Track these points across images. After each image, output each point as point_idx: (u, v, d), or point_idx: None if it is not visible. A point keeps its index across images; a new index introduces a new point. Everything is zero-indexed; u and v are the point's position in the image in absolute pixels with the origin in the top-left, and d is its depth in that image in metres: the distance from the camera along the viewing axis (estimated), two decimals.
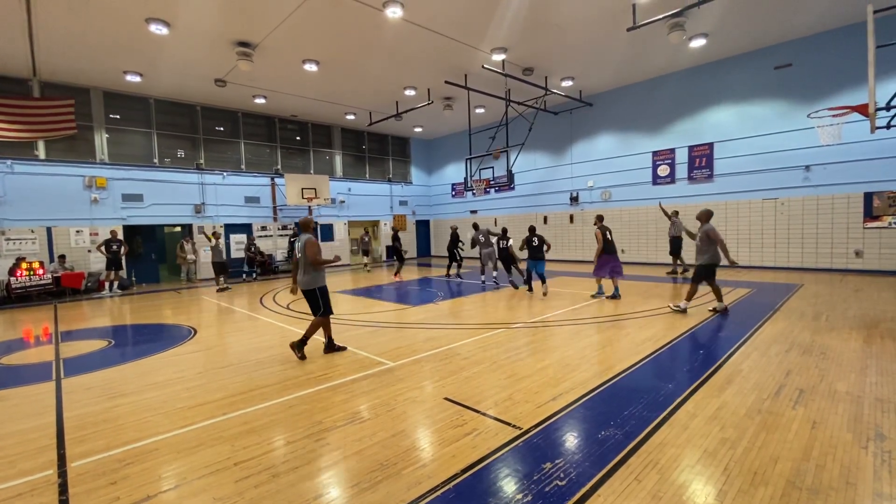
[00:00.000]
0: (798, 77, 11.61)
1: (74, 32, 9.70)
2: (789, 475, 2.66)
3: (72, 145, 12.93)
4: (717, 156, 13.17)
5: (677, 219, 11.82)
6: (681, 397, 3.86)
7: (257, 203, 16.91)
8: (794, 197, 11.87)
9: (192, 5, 8.76)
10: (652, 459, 2.88)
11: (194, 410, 4.02)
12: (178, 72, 12.28)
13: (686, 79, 13.62)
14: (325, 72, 12.60)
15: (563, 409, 3.73)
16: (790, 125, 11.80)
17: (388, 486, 2.70)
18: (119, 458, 3.19)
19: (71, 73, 12.14)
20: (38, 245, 12.39)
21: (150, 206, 14.32)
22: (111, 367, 5.57)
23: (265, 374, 5.00)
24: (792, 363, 4.64)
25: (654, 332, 6.15)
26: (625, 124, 15.22)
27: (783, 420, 3.37)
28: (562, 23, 10.11)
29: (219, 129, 15.98)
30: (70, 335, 7.53)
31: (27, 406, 4.33)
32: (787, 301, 7.89)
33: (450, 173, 22.04)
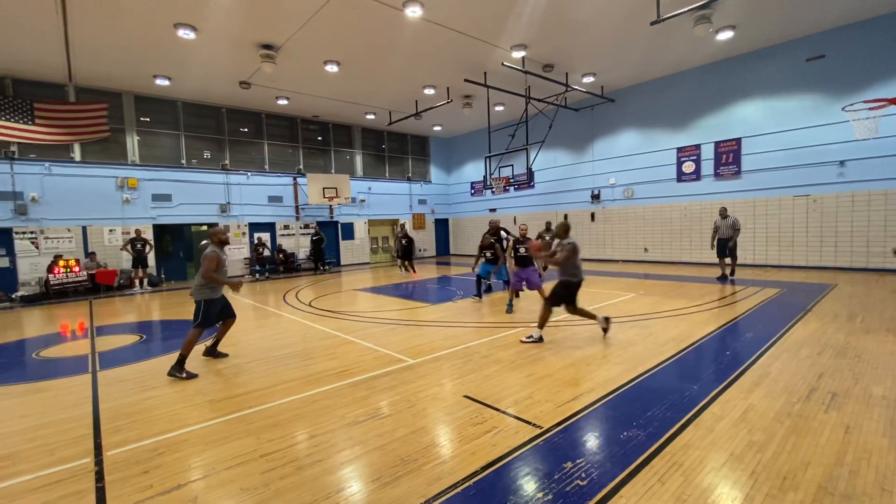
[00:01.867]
0: (832, 69, 11.16)
1: (108, 39, 10.07)
2: (821, 480, 2.58)
3: (105, 147, 13.44)
4: (744, 151, 12.78)
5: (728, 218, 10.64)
6: (706, 399, 3.78)
7: (280, 202, 17.24)
8: (828, 194, 11.42)
9: (218, 10, 8.98)
10: (676, 461, 2.84)
11: (221, 404, 4.14)
12: (204, 75, 12.62)
13: (712, 72, 13.25)
14: (346, 72, 12.74)
15: (585, 408, 3.69)
16: (823, 119, 11.36)
17: (409, 481, 2.73)
18: (151, 448, 3.31)
19: (104, 78, 12.61)
20: (74, 243, 12.92)
21: (178, 205, 14.76)
22: (142, 361, 5.78)
23: (288, 369, 5.11)
24: (824, 365, 4.49)
25: (679, 332, 6.02)
26: (648, 120, 14.92)
27: (815, 424, 3.27)
28: (583, 18, 9.97)
29: (243, 130, 16.36)
30: (104, 330, 7.84)
31: (66, 397, 4.54)
32: (820, 302, 7.62)
33: (468, 172, 22.02)
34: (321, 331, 7.06)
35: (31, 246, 12.26)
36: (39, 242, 12.39)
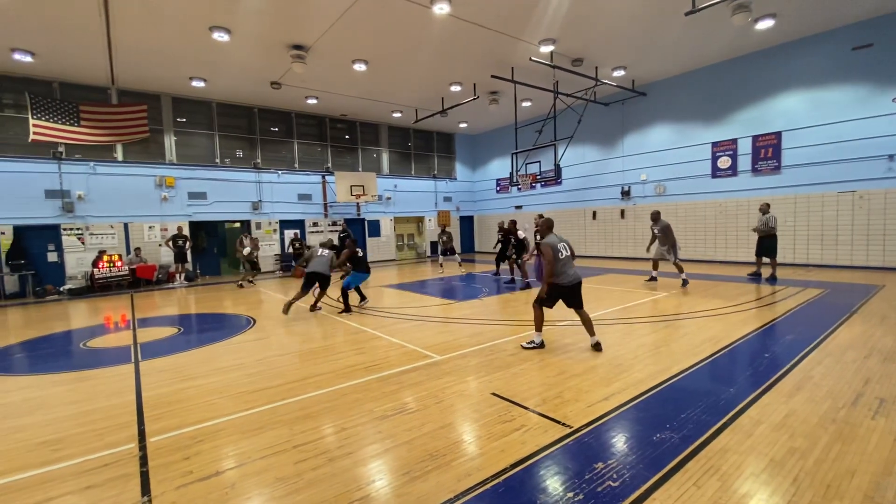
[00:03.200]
0: (880, 58, 10.52)
1: (148, 43, 10.49)
2: (867, 489, 2.46)
3: (145, 147, 14.02)
4: (785, 146, 12.22)
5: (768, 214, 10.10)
6: (744, 402, 3.65)
7: (309, 200, 17.60)
8: (876, 189, 10.80)
9: (251, 12, 9.21)
10: (712, 465, 2.76)
11: (255, 395, 4.27)
12: (237, 76, 12.98)
13: (750, 64, 12.71)
14: (374, 71, 12.87)
15: (616, 409, 3.63)
16: (871, 111, 10.73)
17: (438, 475, 2.75)
18: (191, 436, 3.45)
19: (143, 81, 13.15)
20: (116, 239, 13.56)
21: (213, 203, 15.27)
22: (181, 353, 6.02)
23: (319, 362, 5.23)
24: (872, 370, 4.26)
25: (715, 333, 5.83)
26: (681, 114, 14.45)
27: (861, 431, 3.11)
28: (613, 10, 9.73)
29: (274, 129, 16.76)
30: (145, 322, 8.20)
31: (111, 385, 4.78)
32: (867, 303, 7.23)
33: (494, 168, 21.89)
34: (349, 326, 7.18)
35: (77, 242, 12.93)
36: (85, 238, 13.05)
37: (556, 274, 5.26)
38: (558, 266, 5.26)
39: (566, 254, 5.36)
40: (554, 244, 5.32)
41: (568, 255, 5.38)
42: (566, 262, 5.34)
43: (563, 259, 5.32)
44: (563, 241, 5.44)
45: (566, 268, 5.33)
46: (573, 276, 5.34)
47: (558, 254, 5.29)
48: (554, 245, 5.31)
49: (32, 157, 12.32)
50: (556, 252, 5.29)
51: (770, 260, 10.03)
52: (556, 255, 5.28)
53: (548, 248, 5.28)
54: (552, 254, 5.26)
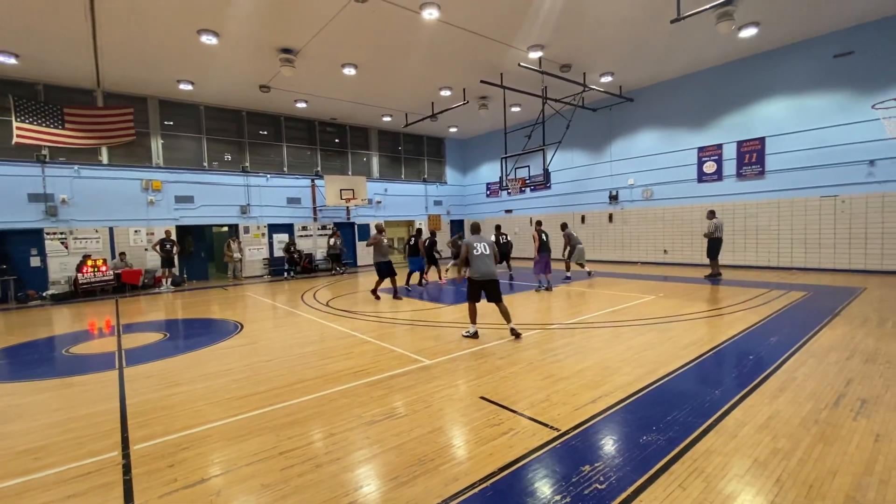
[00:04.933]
0: (861, 65, 10.80)
1: (134, 46, 10.38)
2: (849, 489, 2.50)
3: (131, 151, 13.84)
4: (769, 151, 12.46)
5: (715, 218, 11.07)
6: (728, 404, 3.70)
7: (298, 204, 17.49)
8: (857, 194, 11.05)
9: (239, 15, 9.17)
10: (697, 467, 2.78)
11: (242, 401, 4.23)
12: (225, 79, 12.90)
13: (734, 70, 12.96)
14: (363, 75, 12.87)
15: (603, 411, 3.66)
16: (852, 117, 11.00)
17: (426, 480, 2.74)
18: (176, 443, 3.40)
19: (130, 84, 13.00)
20: (101, 244, 13.34)
21: (200, 207, 15.11)
22: (167, 359, 5.93)
23: (307, 368, 5.19)
24: (853, 371, 4.35)
25: (700, 335, 5.91)
26: (668, 120, 14.67)
27: (843, 431, 3.17)
28: (601, 17, 9.87)
29: (263, 133, 16.66)
30: (130, 328, 8.07)
31: (94, 392, 4.69)
32: (848, 306, 7.38)
33: (484, 173, 21.98)
34: (338, 330, 7.14)
35: (60, 246, 12.70)
36: (69, 243, 12.82)
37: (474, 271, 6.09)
38: (472, 261, 6.09)
39: (482, 251, 6.10)
40: (471, 243, 6.17)
41: (483, 254, 6.11)
42: (480, 259, 6.07)
43: (478, 256, 6.08)
44: (483, 241, 6.17)
45: (480, 264, 6.06)
46: (486, 272, 6.07)
47: (474, 251, 6.09)
48: (470, 243, 6.16)
49: (15, 161, 12.10)
50: (471, 249, 6.11)
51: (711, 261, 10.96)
52: (472, 252, 6.09)
53: (465, 246, 6.18)
54: (467, 251, 6.13)
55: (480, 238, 6.22)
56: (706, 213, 11.37)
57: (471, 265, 6.13)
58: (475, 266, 6.09)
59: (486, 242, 6.18)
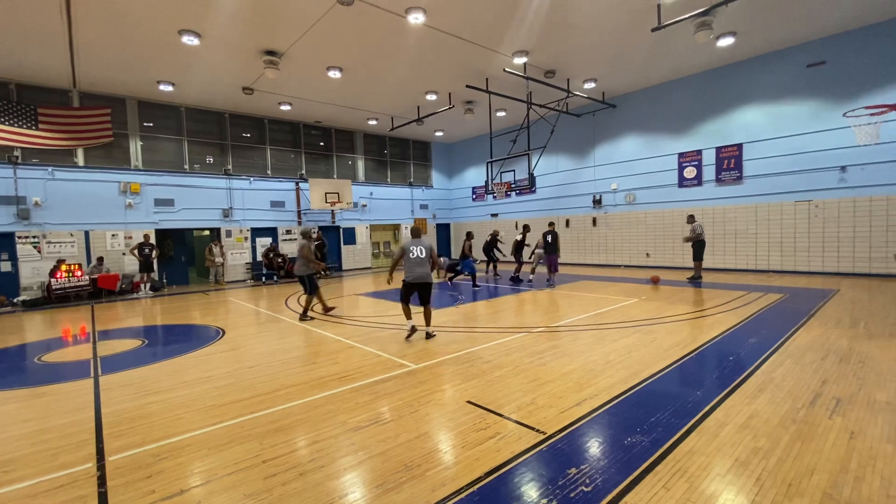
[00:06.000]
0: (832, 75, 11.19)
1: (112, 45, 10.15)
2: (826, 487, 2.56)
3: (108, 152, 13.51)
4: (746, 157, 12.80)
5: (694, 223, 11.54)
6: (710, 405, 3.77)
7: (282, 207, 17.28)
8: (830, 199, 11.42)
9: (222, 16, 9.05)
10: (680, 467, 2.82)
11: (224, 408, 4.13)
12: (207, 81, 12.70)
13: (713, 78, 13.30)
14: (349, 78, 12.82)
15: (588, 414, 3.68)
16: (824, 125, 11.38)
17: (412, 487, 2.72)
18: (154, 453, 3.31)
19: (108, 84, 12.70)
20: (76, 248, 12.96)
21: (181, 210, 14.81)
22: (145, 366, 5.77)
23: (291, 374, 5.11)
24: (828, 371, 4.47)
25: (682, 337, 6.01)
26: (649, 126, 14.96)
27: (819, 430, 3.25)
28: (584, 24, 10.03)
29: (246, 135, 16.43)
30: (106, 335, 7.84)
31: (67, 402, 4.53)
32: (823, 307, 7.60)
33: (470, 177, 22.06)
34: (323, 335, 7.05)
35: (33, 250, 12.29)
36: (42, 247, 12.42)
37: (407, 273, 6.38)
38: (406, 264, 6.36)
39: (417, 255, 6.34)
40: (407, 247, 6.40)
41: (419, 257, 6.35)
42: (415, 263, 6.33)
43: (413, 259, 6.34)
44: (420, 245, 6.38)
45: (414, 267, 6.33)
46: (418, 275, 6.33)
47: (409, 254, 6.34)
48: (406, 248, 6.39)
49: None
50: (407, 253, 6.36)
51: (696, 263, 11.23)
52: (407, 255, 6.35)
53: (400, 249, 6.46)
54: (401, 254, 6.41)
55: (418, 242, 6.45)
56: (686, 217, 11.62)
57: (406, 268, 6.42)
58: (409, 269, 6.38)
59: (423, 246, 6.42)
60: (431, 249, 6.52)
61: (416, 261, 6.37)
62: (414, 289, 6.45)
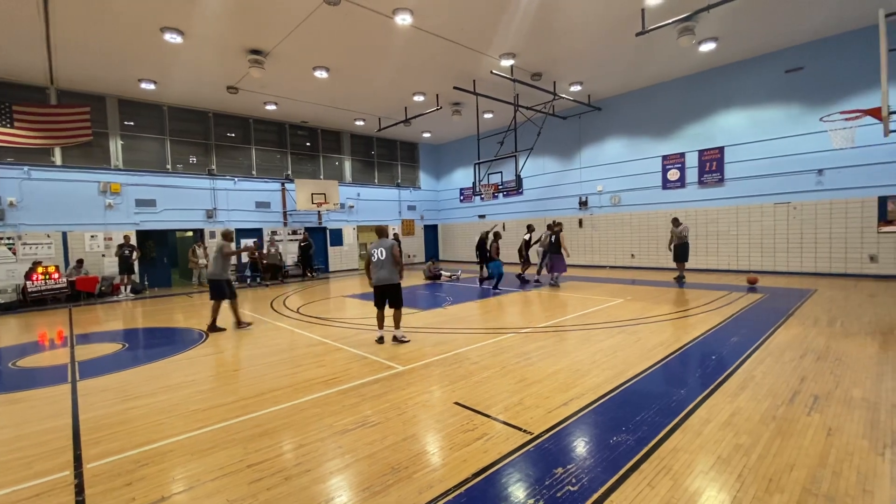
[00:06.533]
0: (810, 80, 11.50)
1: (91, 42, 9.93)
2: (805, 482, 2.62)
3: (87, 152, 13.19)
4: (727, 160, 13.06)
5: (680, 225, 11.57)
6: (693, 403, 3.83)
7: (268, 208, 17.08)
8: (807, 201, 11.72)
9: (206, 14, 8.92)
10: (665, 465, 2.86)
11: (207, 413, 4.06)
12: (191, 79, 12.50)
13: (696, 82, 13.55)
14: (335, 78, 12.74)
15: (574, 414, 3.71)
16: (802, 129, 11.68)
17: (399, 489, 2.70)
18: (134, 460, 3.23)
19: (87, 82, 12.41)
20: (53, 249, 12.61)
21: (163, 211, 14.53)
22: (125, 370, 5.64)
23: (276, 377, 5.04)
24: (806, 369, 4.58)
25: (666, 337, 6.10)
26: (634, 128, 15.17)
27: (798, 426, 3.33)
28: (570, 28, 10.13)
29: (230, 135, 16.20)
30: (85, 338, 7.65)
31: (44, 408, 4.41)
32: (801, 306, 7.79)
33: (458, 178, 22.10)
34: (309, 338, 6.99)
35: (7, 252, 11.93)
36: (17, 248, 12.06)
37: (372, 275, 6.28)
38: (372, 268, 6.28)
39: (378, 258, 6.21)
40: (370, 249, 6.32)
41: (380, 259, 6.20)
42: (377, 266, 6.23)
43: (375, 262, 6.24)
44: (381, 247, 6.23)
45: (376, 270, 6.23)
46: (380, 278, 6.21)
47: (372, 257, 6.27)
48: (370, 250, 6.33)
49: None
50: (370, 256, 6.30)
51: (680, 264, 11.37)
52: (371, 258, 6.28)
53: (368, 252, 6.37)
54: (368, 257, 6.34)
55: (380, 244, 6.28)
56: (671, 219, 11.73)
57: (371, 272, 6.33)
58: (373, 272, 6.28)
59: (385, 248, 6.22)
60: (393, 250, 6.24)
61: (377, 263, 6.23)
62: (379, 292, 6.29)
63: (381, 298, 6.33)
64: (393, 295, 6.30)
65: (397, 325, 6.37)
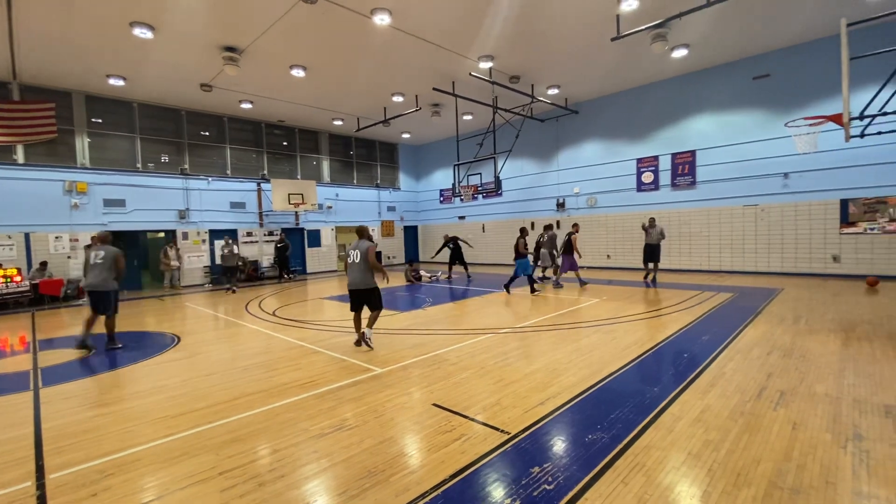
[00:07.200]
0: (776, 87, 11.95)
1: (56, 35, 9.54)
2: (771, 475, 2.71)
3: (52, 149, 12.67)
4: (699, 163, 13.45)
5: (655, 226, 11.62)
6: (666, 400, 3.92)
7: (243, 209, 16.72)
8: (774, 203, 12.17)
9: (178, 10, 8.69)
10: (638, 462, 2.92)
11: (178, 419, 3.95)
12: (162, 76, 12.15)
13: (669, 88, 13.91)
14: (313, 77, 12.58)
15: (551, 413, 3.75)
16: (769, 133, 12.12)
17: (376, 493, 2.68)
18: (100, 469, 3.11)
19: (52, 77, 11.92)
20: (15, 251, 12.06)
21: (133, 211, 14.07)
22: (92, 377, 5.44)
23: (251, 381, 4.94)
24: (773, 366, 4.74)
25: (640, 336, 6.23)
26: (610, 132, 15.47)
27: (765, 421, 3.44)
28: (548, 32, 10.27)
29: (204, 133, 15.81)
30: (49, 344, 7.34)
31: (3, 417, 4.20)
32: (769, 305, 8.07)
33: (438, 179, 22.11)
34: (285, 341, 6.87)
35: None
36: None
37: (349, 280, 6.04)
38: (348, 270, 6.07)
39: (353, 260, 5.99)
40: (347, 251, 6.10)
41: (354, 262, 5.98)
42: (351, 268, 6.02)
43: (350, 264, 6.03)
44: (356, 249, 6.02)
45: (350, 273, 6.03)
46: (352, 281, 6.00)
47: (348, 258, 6.06)
48: (347, 252, 6.09)
49: None
50: (347, 258, 6.09)
51: (654, 265, 11.52)
52: (347, 261, 6.07)
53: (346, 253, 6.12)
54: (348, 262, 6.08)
55: (357, 245, 6.03)
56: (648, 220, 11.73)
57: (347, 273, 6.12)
58: (348, 275, 6.07)
59: (360, 250, 5.95)
60: (368, 252, 5.93)
61: (351, 265, 5.99)
62: (353, 296, 6.05)
63: (355, 302, 6.09)
64: (368, 299, 6.04)
65: (370, 324, 6.07)
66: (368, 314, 6.14)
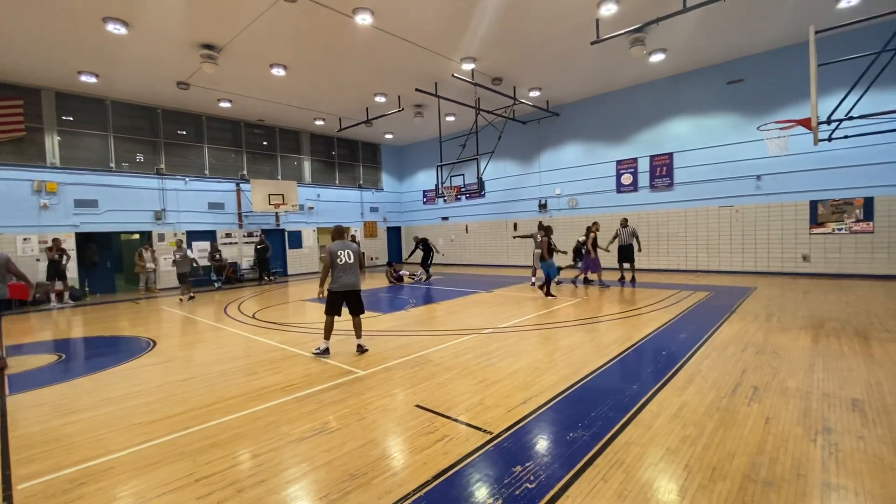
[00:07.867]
0: (749, 92, 12.32)
1: (25, 30, 9.20)
2: (745, 469, 2.79)
3: (19, 148, 12.20)
4: (676, 165, 13.76)
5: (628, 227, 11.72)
6: (645, 397, 3.99)
7: (221, 209, 16.39)
8: (748, 205, 12.53)
9: (154, 5, 8.48)
10: (618, 459, 2.96)
11: (153, 426, 3.84)
12: (137, 73, 11.83)
13: (647, 91, 14.20)
14: (294, 77, 12.42)
15: (533, 412, 3.78)
16: (742, 137, 12.48)
17: (358, 496, 2.66)
18: (71, 479, 3.01)
19: (20, 73, 11.48)
20: None
21: (106, 212, 13.65)
22: (62, 383, 5.25)
23: (229, 385, 4.84)
24: (747, 362, 4.88)
25: (620, 335, 6.33)
26: (590, 134, 15.70)
27: (739, 416, 3.54)
28: (530, 35, 10.36)
29: (181, 132, 15.45)
30: (18, 349, 7.06)
31: None
32: (743, 303, 8.30)
33: (421, 180, 22.08)
34: (266, 344, 6.76)
35: None
36: None
37: (334, 281, 5.68)
38: (335, 271, 5.67)
39: (346, 260, 5.70)
40: (334, 251, 5.69)
41: (347, 262, 5.71)
42: (343, 269, 5.69)
43: (342, 265, 5.68)
44: (347, 249, 5.75)
45: (342, 274, 5.70)
46: (347, 283, 5.71)
47: (337, 259, 5.67)
48: (333, 251, 5.69)
49: None
50: (334, 258, 5.67)
51: (630, 265, 11.66)
52: (335, 260, 5.67)
53: (327, 254, 5.69)
54: (330, 259, 5.67)
55: (345, 245, 5.78)
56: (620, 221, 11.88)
57: (333, 275, 5.74)
58: (336, 276, 5.71)
59: (352, 251, 5.80)
60: (360, 253, 5.85)
61: (343, 267, 5.68)
62: (342, 298, 5.78)
63: (341, 304, 5.81)
64: (357, 301, 5.86)
65: (360, 332, 5.97)
66: (353, 321, 5.94)
